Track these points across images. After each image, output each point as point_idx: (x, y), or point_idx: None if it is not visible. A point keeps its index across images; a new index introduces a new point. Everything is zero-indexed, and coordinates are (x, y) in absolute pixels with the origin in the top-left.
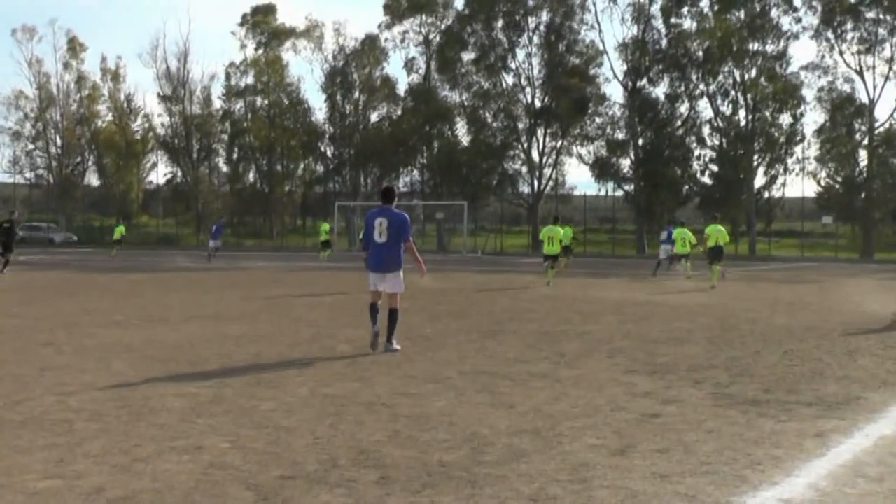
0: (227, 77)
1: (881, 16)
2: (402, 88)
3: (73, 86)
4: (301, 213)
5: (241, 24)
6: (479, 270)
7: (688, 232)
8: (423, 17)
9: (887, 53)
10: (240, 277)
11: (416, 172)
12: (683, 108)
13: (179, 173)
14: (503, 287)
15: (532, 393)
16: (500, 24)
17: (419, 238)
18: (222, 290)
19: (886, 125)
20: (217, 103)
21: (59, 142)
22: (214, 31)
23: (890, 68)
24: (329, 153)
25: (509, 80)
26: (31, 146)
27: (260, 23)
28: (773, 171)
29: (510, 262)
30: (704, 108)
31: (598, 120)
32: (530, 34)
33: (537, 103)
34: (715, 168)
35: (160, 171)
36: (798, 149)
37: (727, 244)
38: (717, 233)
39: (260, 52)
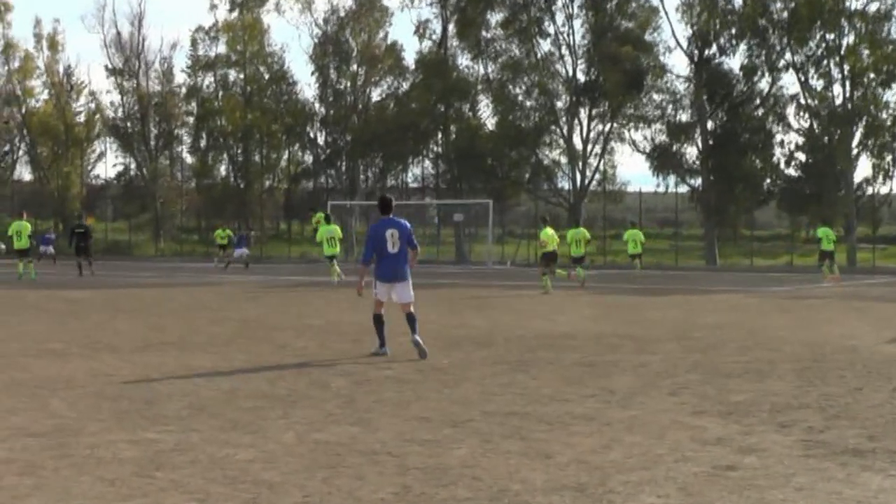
0: (193, 45)
1: None
2: (410, 58)
3: None
4: (284, 215)
5: None
6: (507, 286)
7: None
8: None
9: None
10: (207, 295)
11: (428, 164)
12: (763, 83)
13: (133, 165)
14: (537, 306)
15: (574, 439)
16: None
17: (432, 247)
18: (186, 312)
19: None
20: (180, 78)
21: None
22: None
23: None
24: (320, 140)
25: (546, 47)
26: None
27: None
28: (878, 162)
29: None
30: (790, 83)
31: (656, 98)
32: None
33: (580, 77)
34: (803, 157)
35: (109, 163)
36: None
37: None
38: (828, 235)
39: (234, 13)
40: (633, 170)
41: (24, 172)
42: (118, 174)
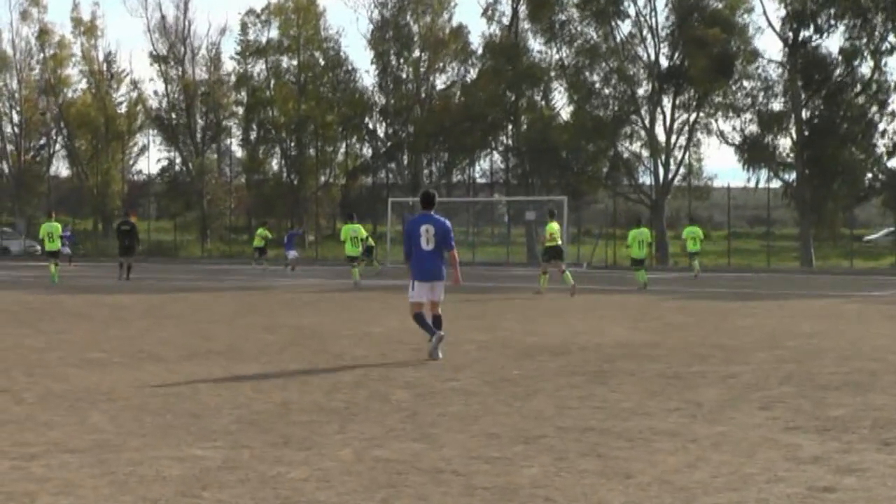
0: (243, 29)
1: None
2: (477, 43)
3: (33, 43)
4: (342, 213)
5: None
6: (583, 289)
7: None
8: None
9: None
10: (259, 300)
11: (497, 157)
12: (865, 68)
13: (178, 160)
14: (615, 312)
15: (657, 458)
16: None
17: (502, 247)
18: (236, 318)
19: None
20: (229, 65)
21: (15, 118)
22: None
23: None
24: (380, 132)
25: (626, 29)
26: None
27: None
28: None
29: (626, 279)
30: (895, 68)
31: (746, 84)
32: None
33: (663, 62)
34: None
35: (152, 158)
36: None
37: None
38: None
39: None
40: (720, 163)
41: (62, 168)
42: (162, 169)
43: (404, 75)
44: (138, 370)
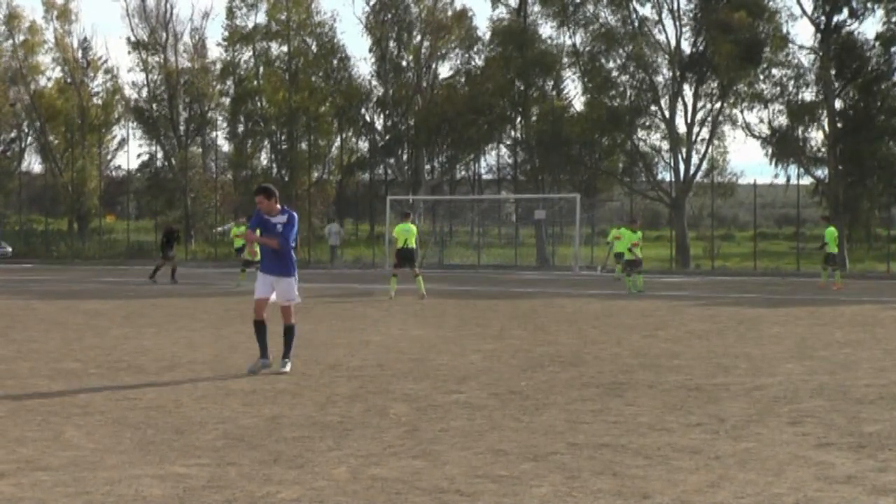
0: (230, 14)
1: None
2: (483, 28)
3: (2, 28)
4: (336, 212)
5: None
6: (597, 295)
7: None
8: None
9: None
10: (247, 306)
11: (505, 152)
12: None
13: (160, 154)
14: (632, 320)
15: (677, 476)
16: None
17: (510, 249)
18: (222, 326)
19: None
20: (214, 52)
21: None
22: None
23: None
24: (378, 125)
25: (644, 12)
26: None
27: None
28: None
29: (644, 283)
30: None
31: (775, 73)
32: None
33: (685, 48)
34: None
35: (131, 152)
36: None
37: None
38: None
39: None
40: (746, 158)
41: (34, 163)
42: (142, 164)
43: (404, 63)
44: (116, 381)
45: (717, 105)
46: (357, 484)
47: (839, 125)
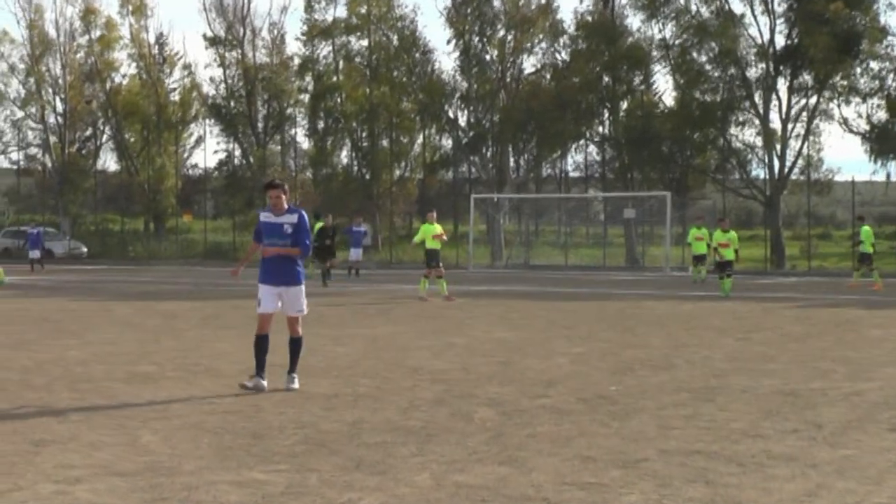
0: (308, 8)
1: None
2: (568, 20)
3: (77, 24)
4: (419, 211)
5: None
6: (688, 296)
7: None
8: None
9: None
10: (327, 309)
11: (592, 149)
12: None
13: (237, 152)
14: (725, 322)
15: (772, 485)
16: None
17: (598, 249)
18: (301, 329)
19: None
20: (293, 47)
21: (59, 107)
22: None
23: None
24: (461, 121)
25: (737, 4)
26: (18, 114)
27: None
28: None
29: (737, 284)
30: None
31: (873, 66)
32: None
33: (779, 41)
34: None
35: (208, 150)
36: None
37: None
38: None
39: None
40: (844, 154)
41: (110, 161)
42: (219, 163)
43: (488, 57)
44: (194, 385)
45: (813, 100)
46: (440, 491)
47: None
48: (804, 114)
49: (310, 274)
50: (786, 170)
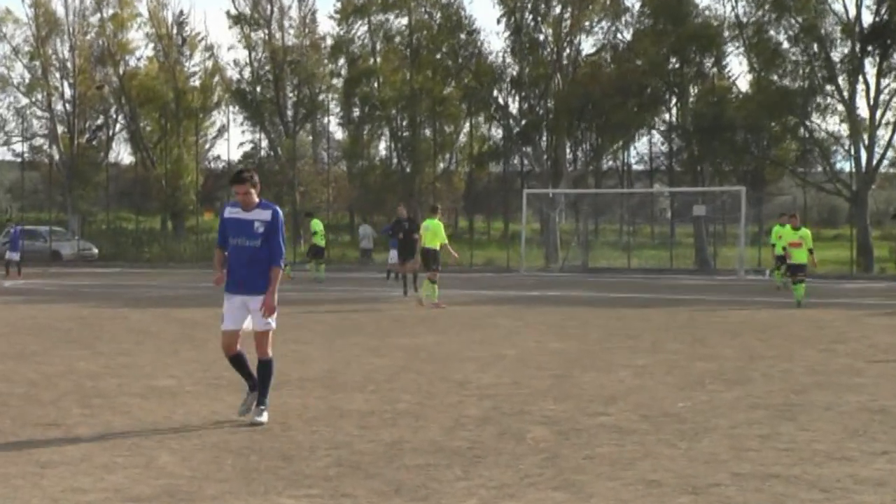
0: None
1: None
2: None
3: (88, 1)
4: (465, 207)
5: None
6: (765, 302)
7: None
8: None
9: None
10: (363, 315)
11: (658, 138)
12: None
13: (264, 143)
14: (806, 331)
15: None
16: None
17: (664, 249)
18: (336, 338)
19: None
20: (325, 27)
21: (67, 93)
22: None
23: None
24: (512, 108)
25: None
26: (22, 101)
27: None
28: None
29: (820, 289)
30: None
31: None
32: None
33: (866, 17)
34: None
35: (232, 141)
36: None
37: None
38: None
39: None
40: None
41: (124, 153)
42: (244, 155)
43: (542, 38)
44: (216, 401)
45: None
46: None
47: None
48: (894, 100)
49: (288, 272)
50: (874, 162)
